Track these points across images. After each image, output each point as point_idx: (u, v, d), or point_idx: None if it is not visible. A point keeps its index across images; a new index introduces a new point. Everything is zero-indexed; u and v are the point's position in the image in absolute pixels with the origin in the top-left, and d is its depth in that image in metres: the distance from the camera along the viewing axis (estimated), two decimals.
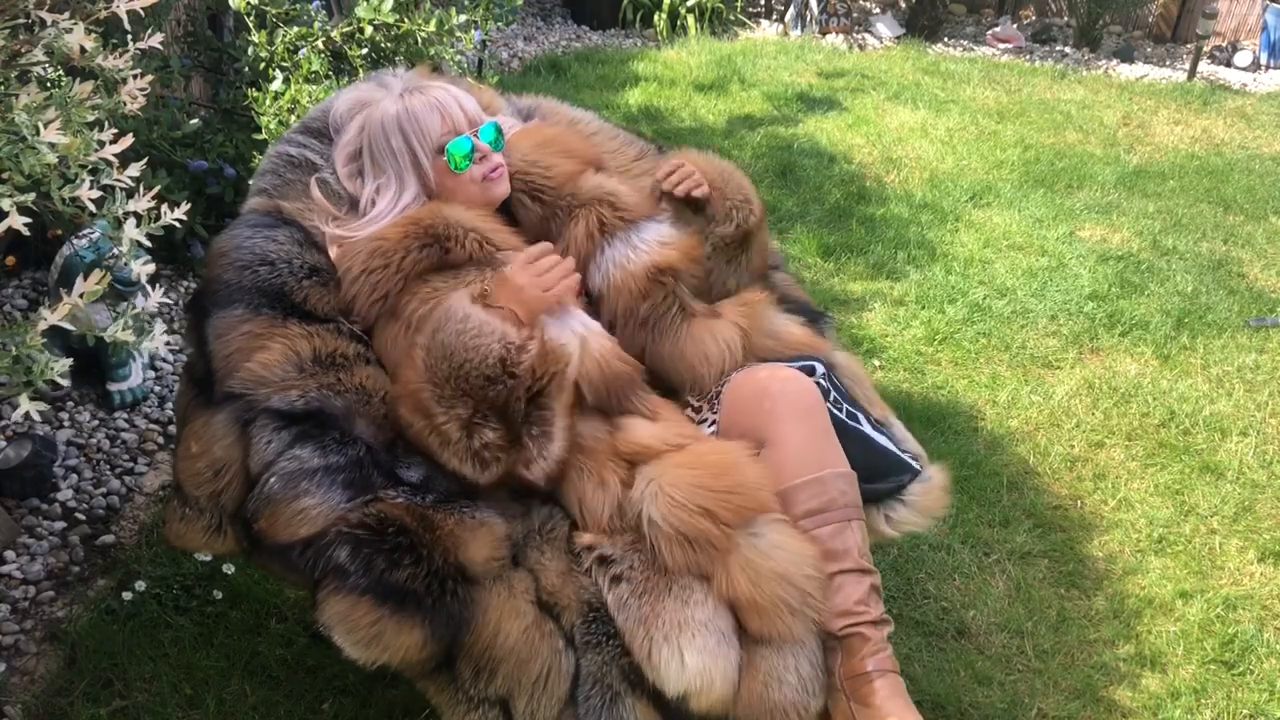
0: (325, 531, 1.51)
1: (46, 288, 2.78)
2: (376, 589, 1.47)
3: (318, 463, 1.55)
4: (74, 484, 2.39)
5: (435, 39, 3.11)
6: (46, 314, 1.41)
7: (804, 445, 1.66)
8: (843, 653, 1.58)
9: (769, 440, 1.66)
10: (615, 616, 1.54)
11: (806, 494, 1.63)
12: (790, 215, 3.93)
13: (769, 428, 1.67)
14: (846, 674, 1.57)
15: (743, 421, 1.71)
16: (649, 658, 1.50)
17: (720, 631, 1.51)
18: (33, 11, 1.48)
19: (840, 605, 1.59)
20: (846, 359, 2.00)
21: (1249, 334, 3.37)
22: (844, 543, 1.62)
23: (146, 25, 2.86)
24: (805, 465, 1.64)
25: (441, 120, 1.79)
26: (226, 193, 3.06)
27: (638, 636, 1.51)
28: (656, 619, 1.51)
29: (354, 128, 1.85)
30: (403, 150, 1.79)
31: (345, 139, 1.85)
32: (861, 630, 1.59)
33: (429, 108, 1.79)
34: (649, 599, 1.52)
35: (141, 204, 1.59)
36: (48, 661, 1.99)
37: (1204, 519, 2.58)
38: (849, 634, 1.58)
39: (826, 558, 1.59)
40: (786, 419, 1.67)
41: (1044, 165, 4.56)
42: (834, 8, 6.46)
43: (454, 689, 1.55)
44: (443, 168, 1.80)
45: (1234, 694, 2.12)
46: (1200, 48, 5.95)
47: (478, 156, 1.80)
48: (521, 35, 6.09)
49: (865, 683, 1.56)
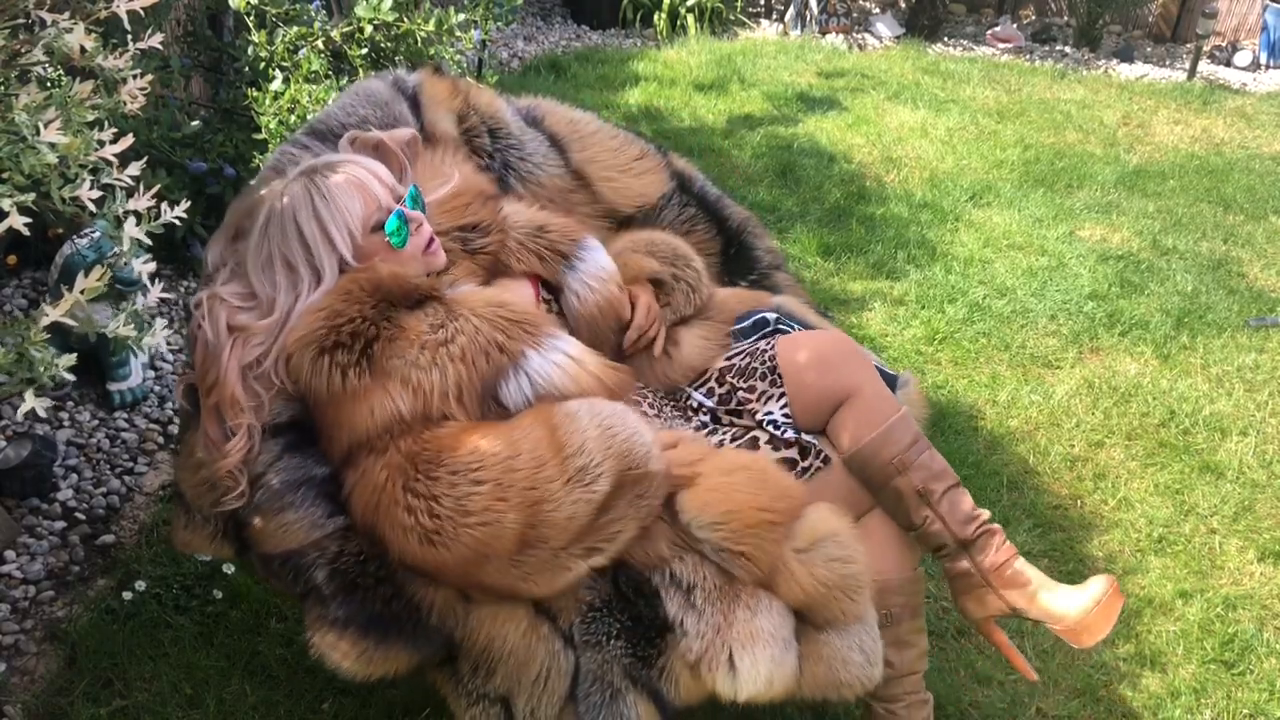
0: (304, 550, 1.52)
1: (47, 287, 2.78)
2: (358, 620, 1.51)
3: (302, 475, 1.55)
4: (74, 484, 2.39)
5: (435, 39, 3.11)
6: (48, 310, 1.41)
7: (880, 389, 1.76)
8: (975, 552, 1.72)
9: (849, 393, 1.74)
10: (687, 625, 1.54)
11: (900, 430, 1.72)
12: (790, 215, 3.93)
13: (843, 383, 1.75)
14: (989, 568, 1.72)
15: (813, 385, 1.76)
16: (725, 664, 1.52)
17: (784, 640, 1.55)
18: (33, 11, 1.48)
19: (964, 513, 1.72)
20: (784, 299, 2.06)
21: (1249, 334, 3.37)
22: (939, 462, 1.73)
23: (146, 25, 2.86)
24: (890, 405, 1.75)
25: (364, 201, 1.64)
26: (226, 192, 3.06)
27: (714, 644, 1.53)
28: (730, 629, 1.53)
29: (259, 226, 1.66)
30: (316, 238, 1.62)
31: (253, 242, 1.66)
32: (988, 527, 1.72)
33: (346, 189, 1.64)
34: (721, 608, 1.54)
35: (141, 203, 1.59)
36: (48, 661, 1.99)
37: (1204, 519, 2.58)
38: (980, 534, 1.72)
39: (935, 478, 1.71)
40: (856, 371, 1.76)
41: (1044, 165, 4.56)
42: (834, 7, 6.46)
43: (455, 683, 1.59)
44: (380, 245, 1.66)
45: (1234, 694, 2.12)
46: (1200, 47, 5.95)
47: (414, 227, 1.68)
48: (521, 35, 6.09)
49: (1009, 568, 1.71)
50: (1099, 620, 1.64)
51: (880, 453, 1.71)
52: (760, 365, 1.80)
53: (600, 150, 2.08)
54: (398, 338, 1.54)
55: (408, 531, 1.47)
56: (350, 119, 1.91)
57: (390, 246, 1.66)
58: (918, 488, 1.70)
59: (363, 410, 1.52)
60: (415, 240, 1.69)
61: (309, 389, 1.56)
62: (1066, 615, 1.66)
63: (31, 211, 1.38)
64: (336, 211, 1.62)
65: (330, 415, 1.55)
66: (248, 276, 1.65)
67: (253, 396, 1.56)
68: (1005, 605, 1.72)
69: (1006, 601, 1.72)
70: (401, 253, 1.67)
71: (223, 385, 1.55)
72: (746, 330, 1.93)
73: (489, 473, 1.46)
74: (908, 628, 1.77)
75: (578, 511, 1.46)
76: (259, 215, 1.67)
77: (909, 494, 1.70)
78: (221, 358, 1.56)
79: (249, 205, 1.75)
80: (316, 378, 1.54)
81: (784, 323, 1.93)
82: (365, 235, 1.65)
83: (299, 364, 1.56)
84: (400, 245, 1.67)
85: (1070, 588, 1.69)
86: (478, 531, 1.45)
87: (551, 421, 1.51)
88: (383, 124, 1.92)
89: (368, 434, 1.52)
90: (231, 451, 1.53)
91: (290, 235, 1.62)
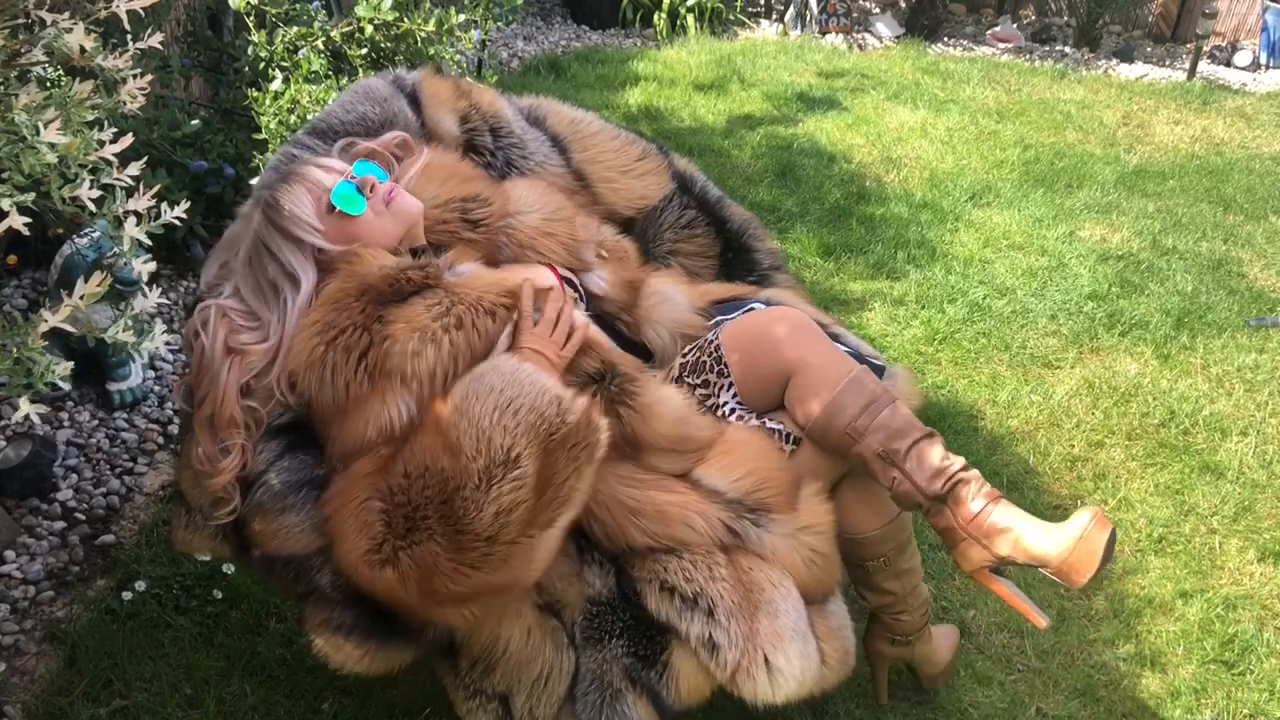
0: (309, 555, 1.53)
1: (46, 288, 2.78)
2: (362, 624, 1.51)
3: (303, 476, 1.55)
4: (74, 484, 2.39)
5: (435, 38, 3.11)
6: (47, 316, 1.41)
7: (825, 358, 1.71)
8: (952, 505, 1.65)
9: (793, 369, 1.71)
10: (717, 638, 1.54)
11: (852, 395, 1.67)
12: (790, 215, 3.93)
13: (786, 359, 1.71)
14: (964, 520, 1.65)
15: (759, 367, 1.73)
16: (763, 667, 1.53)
17: (803, 633, 1.57)
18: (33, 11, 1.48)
19: (930, 467, 1.65)
20: (775, 291, 2.06)
21: (1249, 334, 3.37)
22: (902, 419, 1.67)
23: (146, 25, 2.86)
24: (837, 372, 1.69)
25: (309, 192, 1.66)
26: (226, 192, 3.06)
27: (748, 651, 1.54)
28: (757, 635, 1.54)
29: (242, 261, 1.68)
30: (282, 248, 1.63)
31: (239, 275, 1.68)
32: (959, 477, 1.65)
33: (290, 191, 1.66)
34: (745, 620, 1.55)
35: (141, 203, 1.59)
36: (48, 661, 1.99)
37: (1204, 519, 2.58)
38: (951, 487, 1.65)
39: (896, 436, 1.65)
40: (798, 343, 1.72)
41: (1044, 165, 4.56)
42: (834, 7, 6.46)
43: (454, 675, 1.60)
44: (340, 223, 1.66)
45: (1234, 694, 2.12)
46: (1200, 47, 5.94)
47: (366, 190, 1.67)
48: (521, 35, 6.09)
49: (986, 518, 1.63)
50: (1084, 556, 1.56)
51: (833, 423, 1.67)
52: (708, 358, 1.78)
53: (601, 151, 2.08)
54: (393, 336, 1.53)
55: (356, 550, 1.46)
56: (350, 117, 1.91)
57: (350, 217, 1.66)
58: (878, 451, 1.65)
59: (359, 424, 1.52)
60: (373, 201, 1.68)
61: (315, 406, 1.56)
62: (1050, 556, 1.59)
63: (31, 211, 1.38)
64: (289, 215, 1.63)
65: (333, 430, 1.56)
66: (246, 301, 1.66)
67: (250, 414, 1.57)
68: (991, 555, 1.66)
69: (991, 551, 1.65)
70: (366, 219, 1.67)
71: (218, 402, 1.57)
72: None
73: (390, 502, 1.44)
74: (903, 560, 1.82)
75: (512, 501, 1.41)
76: (241, 250, 1.69)
77: (871, 459, 1.66)
78: (220, 376, 1.58)
79: (232, 237, 1.76)
80: (321, 394, 1.54)
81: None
82: (324, 219, 1.66)
83: (304, 386, 1.56)
84: (357, 212, 1.66)
85: (1054, 525, 1.61)
86: (403, 557, 1.42)
87: (441, 425, 1.46)
88: (383, 121, 1.92)
89: (356, 447, 1.52)
90: (224, 469, 1.54)
91: (265, 258, 1.64)
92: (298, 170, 1.70)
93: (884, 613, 1.89)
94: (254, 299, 1.65)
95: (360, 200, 1.67)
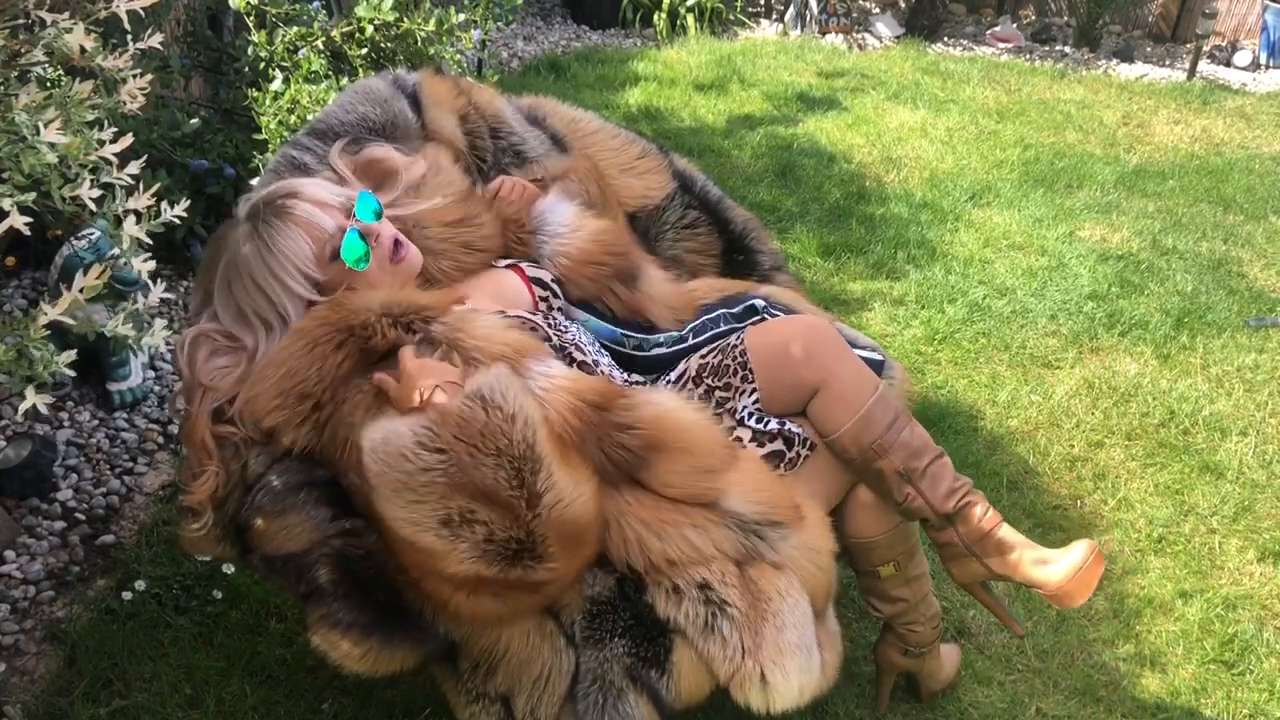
0: (309, 550, 1.53)
1: (46, 288, 2.78)
2: (361, 621, 1.51)
3: (304, 477, 1.56)
4: (74, 484, 2.39)
5: (435, 38, 3.11)
6: (47, 308, 1.41)
7: (853, 373, 1.75)
8: (959, 523, 1.75)
9: (821, 383, 1.73)
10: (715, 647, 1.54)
11: (880, 412, 1.72)
12: (790, 215, 3.93)
13: (814, 372, 1.74)
14: (972, 538, 1.75)
15: (785, 378, 1.75)
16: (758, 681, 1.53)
17: (808, 648, 1.57)
18: (33, 11, 1.48)
19: (945, 487, 1.73)
20: (774, 289, 2.07)
21: (1249, 334, 3.37)
22: (919, 438, 1.74)
23: (146, 25, 2.86)
24: (865, 389, 1.73)
25: (310, 238, 1.62)
26: (226, 192, 3.06)
27: (744, 666, 1.54)
28: (759, 650, 1.54)
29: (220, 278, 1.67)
30: (275, 289, 1.61)
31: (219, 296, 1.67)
32: (969, 499, 1.74)
33: (289, 233, 1.62)
34: (750, 629, 1.55)
35: (141, 202, 1.59)
36: (48, 661, 1.99)
37: (1204, 519, 2.58)
38: (962, 506, 1.74)
39: (915, 455, 1.72)
40: (826, 357, 1.74)
41: (1044, 165, 4.56)
42: (834, 7, 6.46)
43: (455, 679, 1.59)
44: (343, 271, 1.64)
45: (1234, 694, 2.12)
46: (1200, 47, 5.94)
47: (372, 241, 1.64)
48: (521, 35, 6.09)
49: (992, 538, 1.74)
50: (1080, 586, 1.69)
51: (859, 438, 1.71)
52: (732, 361, 1.78)
53: (601, 149, 2.08)
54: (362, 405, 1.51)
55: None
56: (350, 117, 1.91)
57: (351, 271, 1.64)
58: (898, 468, 1.72)
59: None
60: (378, 253, 1.65)
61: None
62: (1049, 581, 1.71)
63: (31, 211, 1.38)
64: (285, 260, 1.61)
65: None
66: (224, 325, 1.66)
67: (227, 438, 1.58)
68: (990, 571, 1.76)
69: (990, 568, 1.76)
70: (370, 272, 1.64)
71: (192, 428, 1.58)
72: (739, 315, 1.92)
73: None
74: (912, 566, 1.86)
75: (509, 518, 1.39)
76: (220, 264, 1.67)
77: (890, 475, 1.72)
78: (194, 402, 1.59)
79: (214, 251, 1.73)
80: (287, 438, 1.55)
81: (772, 310, 1.93)
82: (325, 268, 1.64)
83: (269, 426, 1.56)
84: (362, 269, 1.64)
85: (1053, 553, 1.72)
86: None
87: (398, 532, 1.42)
88: (383, 121, 1.92)
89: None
90: (195, 490, 1.56)
91: (250, 289, 1.62)
92: (294, 211, 1.63)
93: (897, 622, 1.90)
94: (236, 324, 1.64)
95: (366, 256, 1.64)
